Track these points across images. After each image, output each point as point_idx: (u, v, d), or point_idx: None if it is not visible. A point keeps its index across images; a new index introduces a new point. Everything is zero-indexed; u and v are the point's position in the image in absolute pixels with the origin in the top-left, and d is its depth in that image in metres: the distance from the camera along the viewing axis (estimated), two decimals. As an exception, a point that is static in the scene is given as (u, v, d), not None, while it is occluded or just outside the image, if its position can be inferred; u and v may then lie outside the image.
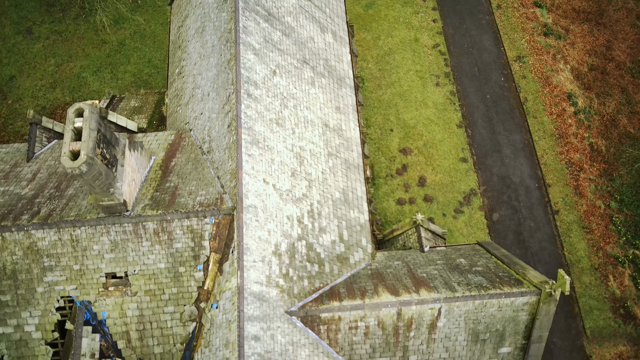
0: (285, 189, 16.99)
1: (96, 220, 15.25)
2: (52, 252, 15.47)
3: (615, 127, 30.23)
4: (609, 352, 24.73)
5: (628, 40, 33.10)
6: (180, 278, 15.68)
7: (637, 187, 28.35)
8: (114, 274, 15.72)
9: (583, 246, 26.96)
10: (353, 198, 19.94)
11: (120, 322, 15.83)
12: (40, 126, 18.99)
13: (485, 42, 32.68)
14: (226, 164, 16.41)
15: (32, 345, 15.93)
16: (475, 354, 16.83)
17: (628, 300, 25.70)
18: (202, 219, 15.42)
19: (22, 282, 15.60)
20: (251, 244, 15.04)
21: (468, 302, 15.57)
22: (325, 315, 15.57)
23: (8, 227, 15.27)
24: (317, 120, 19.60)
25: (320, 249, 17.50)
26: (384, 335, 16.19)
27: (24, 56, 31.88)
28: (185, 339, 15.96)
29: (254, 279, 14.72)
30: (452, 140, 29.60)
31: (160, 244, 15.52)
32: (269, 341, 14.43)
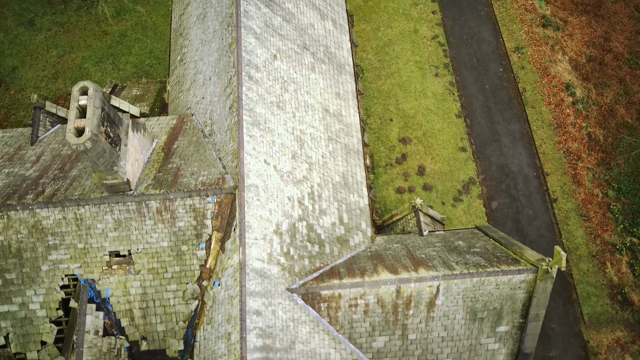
0: (286, 171, 17.23)
1: (100, 199, 15.50)
2: (57, 230, 15.71)
3: (613, 117, 30.46)
4: (607, 338, 24.97)
5: (626, 32, 33.34)
6: (183, 256, 15.92)
7: (634, 176, 28.59)
8: (117, 252, 15.96)
9: (581, 234, 27.20)
10: (353, 182, 20.17)
11: (123, 300, 16.07)
12: (44, 110, 19.23)
13: (484, 33, 32.92)
14: (228, 145, 16.65)
15: (36, 323, 16.16)
16: (474, 332, 17.06)
17: (625, 286, 25.94)
18: (205, 198, 15.66)
19: (27, 260, 15.84)
20: (253, 222, 15.29)
21: (466, 279, 15.81)
22: (325, 292, 15.81)
23: (13, 205, 15.51)
24: (318, 105, 19.84)
25: (320, 230, 17.74)
26: (383, 313, 16.43)
27: (26, 47, 32.11)
28: (187, 317, 16.20)
29: (255, 255, 14.96)
30: (451, 130, 29.84)
31: (163, 223, 15.76)
32: (270, 317, 14.67)
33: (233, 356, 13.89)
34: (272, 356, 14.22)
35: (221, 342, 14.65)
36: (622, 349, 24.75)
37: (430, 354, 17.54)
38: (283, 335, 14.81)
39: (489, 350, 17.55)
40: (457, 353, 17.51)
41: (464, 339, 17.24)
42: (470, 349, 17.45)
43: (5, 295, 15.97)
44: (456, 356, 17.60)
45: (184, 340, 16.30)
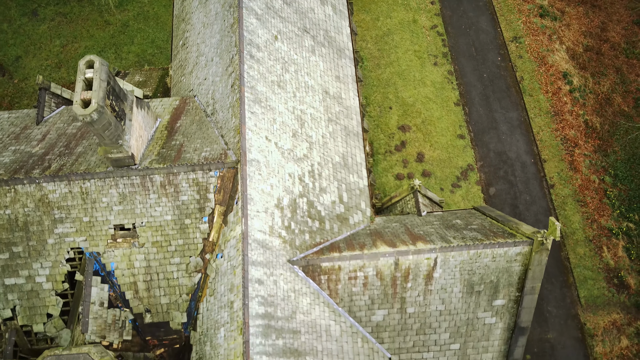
0: (286, 148, 17.59)
1: (105, 173, 15.85)
2: (63, 204, 16.07)
3: (609, 105, 30.80)
4: (603, 320, 25.30)
5: (622, 22, 33.68)
6: (186, 230, 16.27)
7: (631, 163, 28.93)
8: (122, 225, 16.32)
9: (578, 219, 27.54)
10: (352, 163, 20.53)
11: (128, 273, 16.42)
12: (49, 92, 19.59)
13: (482, 23, 33.29)
14: (230, 122, 17.01)
15: (42, 295, 16.51)
16: (471, 306, 17.41)
17: (622, 270, 26.27)
18: (207, 172, 16.02)
19: (33, 233, 16.19)
20: (254, 195, 15.64)
21: (463, 252, 16.16)
22: (325, 264, 16.16)
23: (20, 179, 15.86)
24: (318, 86, 20.20)
25: (320, 207, 18.09)
26: (382, 286, 16.77)
27: (30, 37, 32.49)
28: (190, 290, 16.55)
29: (257, 227, 15.31)
30: (450, 117, 30.19)
31: (166, 197, 16.12)
32: (271, 286, 15.02)
33: (236, 323, 14.24)
34: (273, 324, 14.56)
35: (224, 311, 15.00)
36: (618, 330, 25.08)
37: (429, 328, 17.89)
38: (284, 304, 15.16)
39: (485, 325, 17.91)
40: (454, 327, 17.86)
41: (461, 313, 17.59)
42: (467, 323, 17.81)
43: (12, 268, 16.32)
44: (454, 330, 17.96)
45: (187, 313, 16.65)
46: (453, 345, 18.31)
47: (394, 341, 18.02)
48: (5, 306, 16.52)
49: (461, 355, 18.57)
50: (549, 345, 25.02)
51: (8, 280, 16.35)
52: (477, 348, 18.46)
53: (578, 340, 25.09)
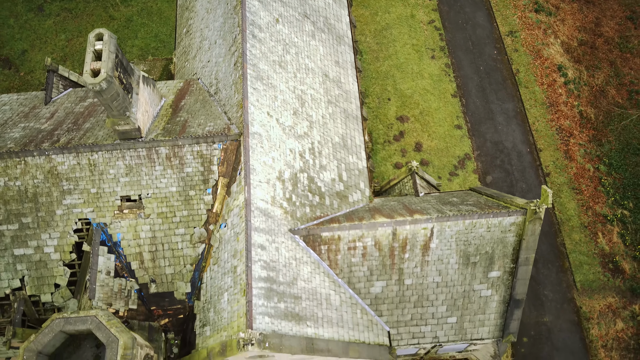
0: (287, 125, 18.15)
1: (112, 145, 16.40)
2: (71, 176, 16.60)
3: (604, 97, 31.42)
4: (599, 304, 25.74)
5: (616, 18, 34.41)
6: (191, 201, 16.79)
7: (625, 152, 29.49)
8: (128, 197, 16.84)
9: (573, 206, 28.06)
10: (352, 145, 21.08)
11: (134, 243, 16.91)
12: (57, 74, 20.19)
13: (478, 18, 34.01)
14: (233, 98, 17.59)
15: (50, 266, 16.99)
16: (467, 278, 17.88)
17: (617, 255, 26.74)
18: (211, 145, 16.57)
19: (42, 204, 16.70)
20: (257, 166, 16.18)
21: (458, 222, 16.66)
22: (326, 234, 16.65)
23: (30, 151, 16.41)
24: (318, 69, 20.80)
25: (321, 183, 18.62)
26: (380, 256, 17.25)
27: (36, 32, 33.19)
28: (194, 260, 17.03)
29: (259, 196, 15.83)
30: (447, 108, 30.81)
31: (172, 169, 16.66)
32: (274, 252, 15.51)
33: (239, 286, 14.71)
34: (275, 288, 15.03)
35: (227, 276, 15.48)
36: (614, 314, 25.51)
37: (426, 301, 18.35)
38: (286, 270, 15.64)
39: (482, 297, 18.36)
40: (451, 300, 18.32)
41: (458, 285, 18.06)
42: (464, 296, 18.26)
43: (22, 239, 16.81)
44: (451, 303, 18.41)
45: (191, 283, 17.12)
46: (450, 319, 18.76)
47: (393, 314, 18.47)
48: (14, 276, 16.99)
49: (458, 329, 19.02)
50: (546, 328, 25.43)
51: (17, 250, 16.84)
52: (473, 322, 18.90)
53: (574, 324, 25.50)
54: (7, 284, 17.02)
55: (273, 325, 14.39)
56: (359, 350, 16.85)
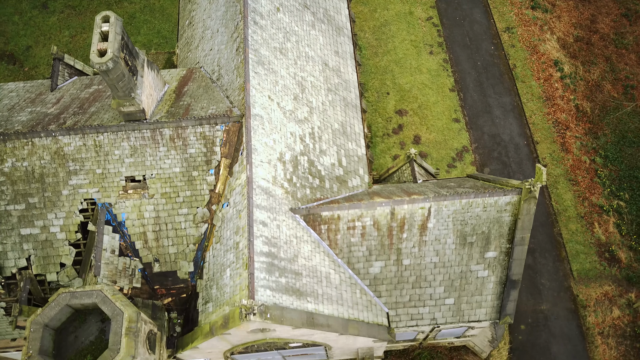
0: (288, 109, 18.59)
1: (117, 126, 16.83)
2: (77, 156, 17.02)
3: (600, 91, 31.88)
4: (595, 292, 26.06)
5: (611, 15, 34.94)
6: (194, 182, 17.19)
7: (620, 145, 29.91)
8: (133, 177, 17.24)
9: (570, 197, 28.45)
10: (351, 132, 21.51)
11: (138, 223, 17.30)
12: (62, 62, 20.65)
13: (475, 15, 34.55)
14: (234, 82, 18.04)
15: (56, 245, 17.37)
16: (464, 258, 18.24)
17: (612, 245, 27.09)
18: (214, 126, 17.00)
19: (49, 185, 17.11)
20: (258, 147, 16.60)
21: (455, 201, 17.04)
22: (325, 214, 17.04)
23: (37, 132, 16.83)
24: (318, 58, 21.27)
25: (321, 167, 19.03)
26: (379, 236, 17.63)
27: (40, 28, 33.72)
28: (197, 240, 17.41)
29: (261, 175, 16.24)
30: (445, 102, 31.27)
31: (175, 150, 17.07)
32: (275, 229, 15.89)
33: (241, 261, 15.08)
34: (276, 263, 15.41)
35: (230, 253, 15.85)
36: (610, 301, 25.83)
37: (424, 281, 18.70)
38: (287, 247, 16.02)
39: (478, 278, 18.72)
40: (449, 281, 18.68)
41: (455, 266, 18.41)
42: (461, 276, 18.62)
43: (28, 219, 17.20)
44: (448, 284, 18.77)
45: (193, 262, 17.49)
46: (448, 300, 19.11)
47: (391, 295, 18.82)
48: (20, 256, 17.37)
49: (456, 311, 19.35)
50: (543, 315, 25.74)
51: (24, 230, 17.22)
52: (470, 303, 19.24)
53: (571, 311, 25.82)
54: (14, 263, 17.39)
55: (274, 299, 14.75)
56: (358, 328, 17.20)
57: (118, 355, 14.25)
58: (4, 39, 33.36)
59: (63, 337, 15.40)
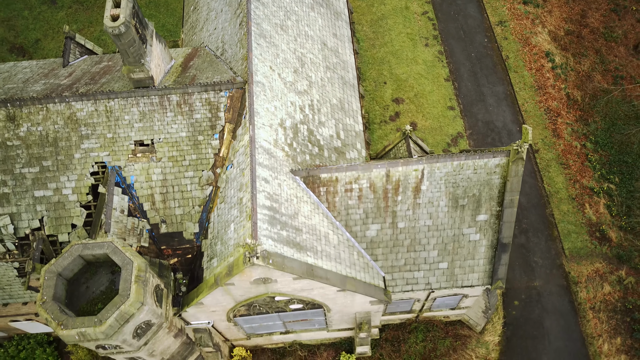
0: (288, 81, 19.59)
1: (127, 92, 17.81)
2: (89, 121, 17.97)
3: (590, 81, 32.95)
4: (587, 269, 26.85)
5: (601, 10, 36.16)
6: (199, 146, 18.13)
7: (610, 132, 30.89)
8: (141, 141, 18.18)
9: (561, 179, 29.37)
10: (349, 109, 22.50)
11: (146, 185, 18.20)
12: (74, 41, 21.70)
13: (469, 10, 35.78)
14: (238, 54, 19.06)
15: (68, 207, 18.26)
16: (456, 221, 19.09)
17: (603, 225, 27.94)
18: (218, 93, 17.98)
19: (62, 149, 18.04)
20: (260, 111, 17.56)
21: (447, 163, 17.94)
22: (324, 175, 17.93)
23: (52, 98, 17.81)
24: (317, 37, 22.33)
25: (320, 137, 19.98)
26: (375, 199, 18.51)
27: (48, 22, 34.91)
28: (202, 202, 18.30)
29: (263, 137, 17.18)
30: (441, 91, 32.33)
31: (182, 115, 18.04)
32: (276, 187, 16.79)
33: (245, 213, 15.96)
34: (278, 217, 16.28)
35: (234, 209, 16.73)
36: (601, 278, 26.61)
37: (418, 245, 19.54)
38: (288, 204, 16.89)
39: (471, 242, 19.55)
40: (442, 244, 19.51)
41: (448, 229, 19.26)
42: (454, 240, 19.45)
43: (42, 181, 18.11)
44: (441, 248, 19.60)
45: (199, 223, 18.36)
46: (441, 264, 19.93)
47: (387, 258, 19.65)
48: (34, 217, 18.24)
49: (449, 275, 20.17)
50: (536, 292, 26.52)
51: (37, 192, 18.12)
52: (463, 267, 20.06)
53: (563, 288, 26.60)
54: (27, 224, 18.26)
55: (276, 248, 15.59)
56: (355, 285, 18.01)
57: (128, 300, 15.07)
58: (14, 33, 34.53)
59: (75, 287, 16.22)
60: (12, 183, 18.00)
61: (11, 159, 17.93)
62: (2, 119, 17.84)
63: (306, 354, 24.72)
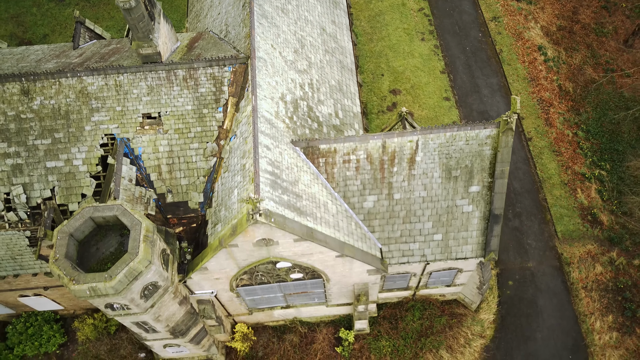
0: (289, 59, 20.54)
1: (136, 67, 18.74)
2: (100, 95, 18.89)
3: (581, 74, 33.95)
4: (579, 251, 27.62)
5: (592, 7, 37.27)
6: (204, 118, 19.03)
7: (601, 121, 31.81)
8: (149, 114, 19.07)
9: (554, 166, 30.24)
10: (347, 91, 23.44)
11: (153, 157, 19.06)
12: (84, 25, 22.70)
13: (464, 6, 36.93)
14: (241, 33, 20.04)
15: (78, 177, 19.11)
16: (450, 192, 19.92)
17: (595, 208, 28.76)
18: (222, 67, 18.92)
19: (73, 121, 18.94)
20: (262, 84, 18.49)
21: (440, 134, 18.80)
22: (323, 146, 18.79)
23: (64, 72, 18.74)
24: (316, 23, 23.34)
25: (319, 114, 20.89)
26: (372, 170, 19.36)
27: (56, 19, 36.03)
28: (207, 172, 19.16)
29: (265, 107, 18.08)
30: (437, 83, 33.33)
31: (188, 89, 18.96)
32: (277, 155, 17.65)
33: (247, 177, 16.80)
34: (279, 182, 17.12)
35: (237, 175, 17.59)
36: (593, 259, 27.36)
37: (413, 216, 20.35)
38: (288, 172, 17.74)
39: (464, 213, 20.37)
40: (436, 216, 20.32)
41: (442, 200, 20.08)
42: (447, 211, 20.27)
43: (54, 153, 18.98)
44: (436, 219, 20.41)
45: (203, 194, 19.20)
46: (436, 236, 20.72)
47: (384, 230, 20.45)
48: (45, 187, 19.08)
49: (444, 247, 20.95)
50: (530, 272, 27.27)
51: (49, 163, 18.98)
52: (457, 239, 20.85)
53: (556, 268, 27.35)
54: (39, 194, 19.10)
55: (278, 210, 16.41)
56: (353, 251, 18.81)
57: (137, 257, 15.86)
58: (23, 28, 35.61)
59: (85, 249, 17.01)
60: (25, 154, 18.87)
61: (25, 131, 18.82)
62: (17, 93, 18.76)
63: (306, 330, 25.41)
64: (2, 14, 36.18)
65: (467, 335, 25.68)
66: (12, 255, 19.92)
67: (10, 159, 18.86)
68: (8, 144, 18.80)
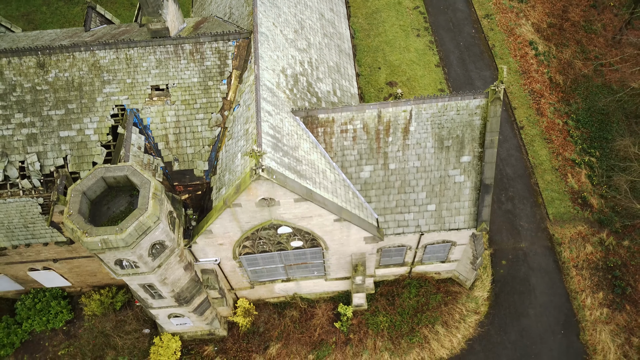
0: (289, 38, 21.71)
1: (146, 41, 19.89)
2: (111, 68, 20.01)
3: (571, 68, 35.20)
4: (570, 232, 28.55)
5: (581, 6, 38.69)
6: (209, 90, 20.12)
7: (591, 112, 32.95)
8: (157, 86, 20.17)
9: (545, 153, 31.30)
10: (345, 73, 24.59)
11: (161, 127, 20.12)
12: (95, 10, 23.93)
13: (458, 4, 38.36)
14: (244, 12, 21.24)
15: (90, 146, 20.13)
16: (442, 162, 20.94)
17: (585, 192, 29.75)
18: (227, 42, 20.07)
19: (85, 93, 20.02)
20: (264, 56, 19.62)
21: (432, 104, 19.88)
22: (322, 116, 19.87)
23: (78, 46, 19.89)
24: (315, 8, 24.58)
25: (317, 90, 22.00)
26: (368, 140, 20.40)
27: (65, 16, 37.38)
28: (211, 142, 20.19)
29: (267, 77, 19.19)
30: (432, 76, 34.55)
31: (194, 62, 20.08)
32: (279, 122, 18.71)
33: (250, 140, 17.82)
34: (280, 145, 18.15)
35: (240, 140, 18.62)
36: (584, 239, 28.27)
37: (408, 186, 21.33)
38: (289, 138, 18.78)
39: (456, 183, 21.36)
40: (429, 186, 21.30)
41: (435, 170, 21.08)
42: (440, 181, 21.26)
43: (67, 123, 20.03)
44: (429, 190, 21.39)
45: (208, 162, 20.21)
46: (430, 206, 21.68)
47: (380, 200, 21.42)
48: (58, 155, 20.09)
49: (437, 218, 21.89)
50: (522, 252, 28.15)
51: (62, 132, 20.02)
52: (450, 210, 21.81)
53: (548, 249, 28.24)
54: (52, 162, 20.10)
55: (279, 170, 17.40)
56: (351, 216, 19.76)
57: (146, 212, 16.81)
58: (33, 26, 36.94)
59: (97, 208, 17.95)
60: (40, 124, 19.92)
61: (40, 102, 19.90)
62: (33, 66, 19.89)
63: (306, 306, 26.21)
64: (13, 12, 37.55)
65: (462, 311, 26.47)
66: (24, 224, 20.84)
67: (26, 129, 19.90)
68: (24, 114, 19.86)
